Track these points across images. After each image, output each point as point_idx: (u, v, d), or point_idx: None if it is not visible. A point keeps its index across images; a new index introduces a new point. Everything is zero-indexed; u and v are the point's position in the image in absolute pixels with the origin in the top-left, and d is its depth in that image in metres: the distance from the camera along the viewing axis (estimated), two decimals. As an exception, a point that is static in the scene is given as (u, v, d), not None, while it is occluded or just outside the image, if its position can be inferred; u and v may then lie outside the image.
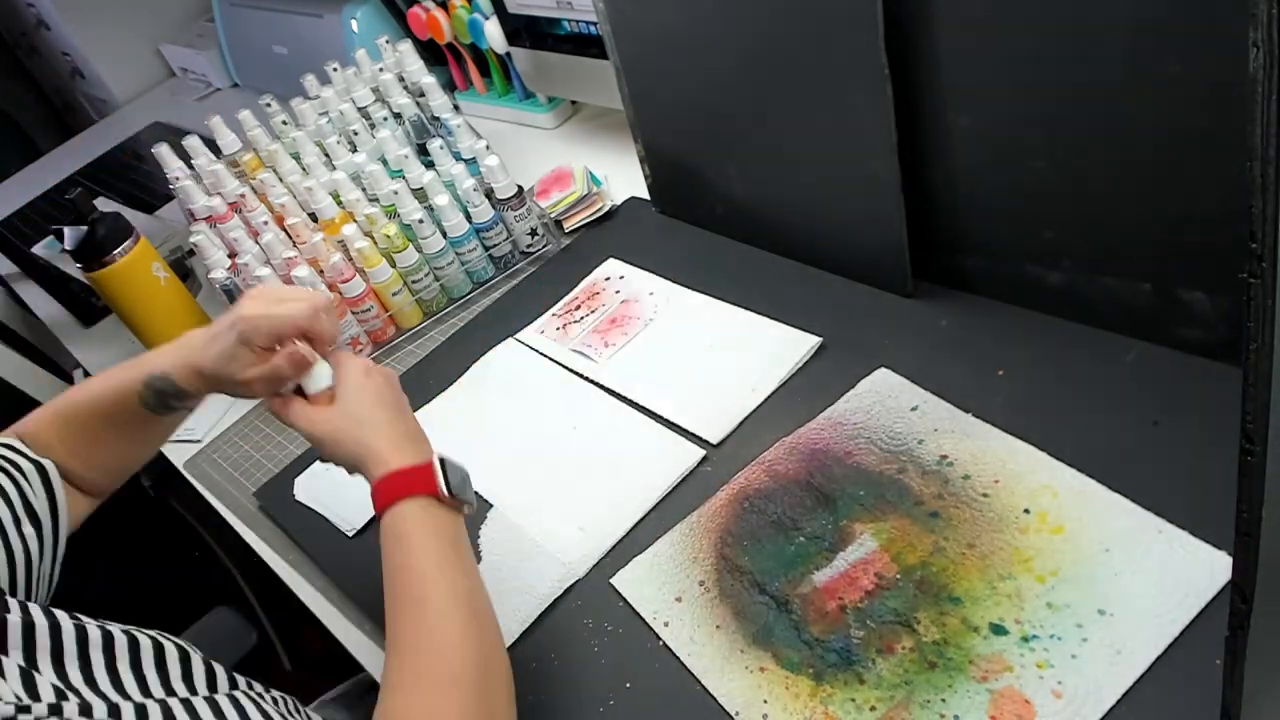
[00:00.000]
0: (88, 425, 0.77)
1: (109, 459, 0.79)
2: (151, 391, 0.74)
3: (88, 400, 0.77)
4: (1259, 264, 0.35)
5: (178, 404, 0.75)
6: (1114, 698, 0.57)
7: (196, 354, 0.73)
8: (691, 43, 0.92)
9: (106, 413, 0.76)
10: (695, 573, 0.74)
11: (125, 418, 0.76)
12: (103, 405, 0.76)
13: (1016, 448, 0.73)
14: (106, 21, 2.11)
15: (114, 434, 0.77)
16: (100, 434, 0.77)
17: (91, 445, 0.77)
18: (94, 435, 0.77)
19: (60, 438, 0.76)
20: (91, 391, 0.77)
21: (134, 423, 0.76)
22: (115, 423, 0.76)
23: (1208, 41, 0.60)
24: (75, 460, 0.77)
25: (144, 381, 0.74)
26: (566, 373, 0.97)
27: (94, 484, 0.80)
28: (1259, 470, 0.38)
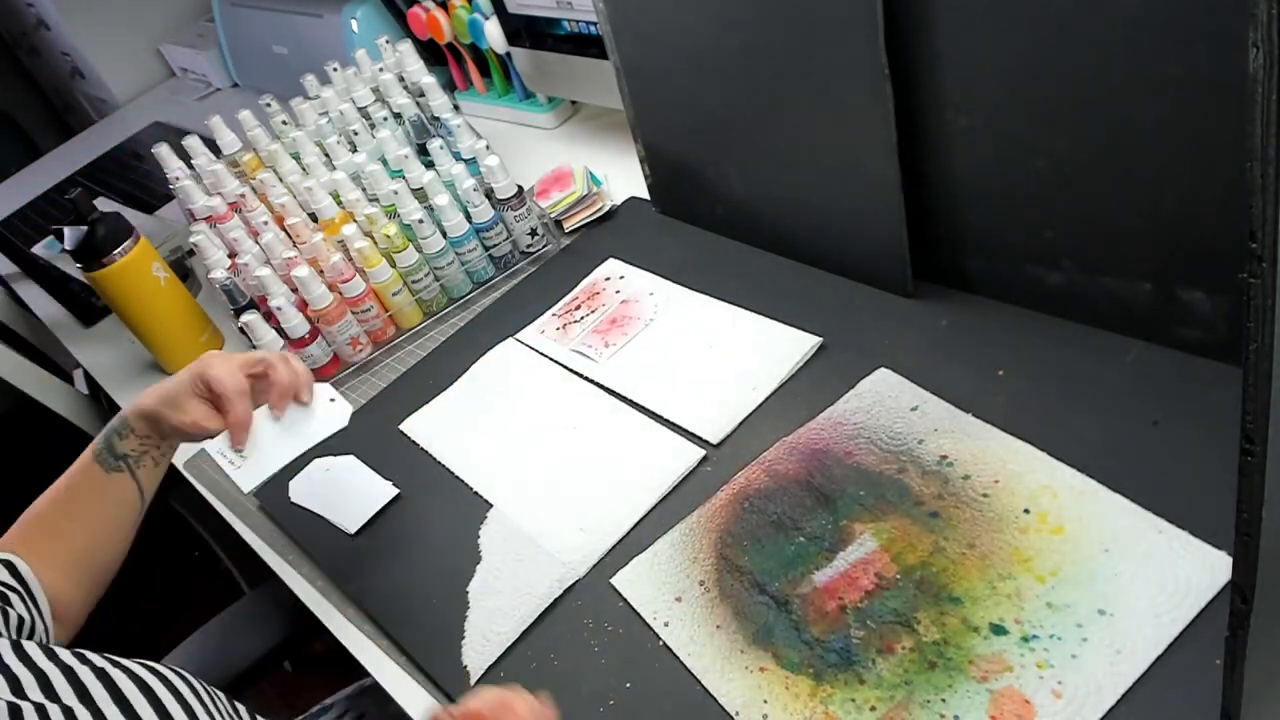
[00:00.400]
0: (45, 515, 0.76)
1: (69, 554, 0.76)
2: (104, 438, 0.77)
3: (49, 492, 0.77)
4: (1259, 264, 0.35)
5: (120, 444, 0.76)
6: (1114, 698, 0.57)
7: (148, 393, 0.77)
8: (691, 43, 0.92)
9: (63, 493, 0.76)
10: (695, 573, 0.74)
11: (79, 490, 0.76)
12: (61, 486, 0.77)
13: (1016, 448, 0.73)
14: (106, 21, 2.11)
15: (71, 519, 0.76)
16: (58, 523, 0.76)
17: (51, 541, 0.75)
18: (51, 527, 0.76)
19: (24, 544, 0.74)
20: (55, 484, 0.77)
21: (86, 494, 0.76)
22: (71, 502, 0.76)
23: (1208, 42, 0.60)
24: (42, 566, 0.74)
25: (93, 447, 0.77)
26: (566, 373, 0.97)
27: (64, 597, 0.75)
28: (1259, 470, 0.38)
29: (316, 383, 0.83)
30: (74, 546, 0.76)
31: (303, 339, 1.05)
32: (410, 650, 0.79)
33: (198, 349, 1.22)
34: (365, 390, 1.07)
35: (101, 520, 0.77)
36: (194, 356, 1.20)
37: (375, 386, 1.07)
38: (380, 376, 1.09)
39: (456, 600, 0.80)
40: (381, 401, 1.04)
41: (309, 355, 1.06)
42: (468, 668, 0.75)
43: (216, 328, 1.25)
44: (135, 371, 1.28)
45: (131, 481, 0.78)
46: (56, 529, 0.76)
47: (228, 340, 1.26)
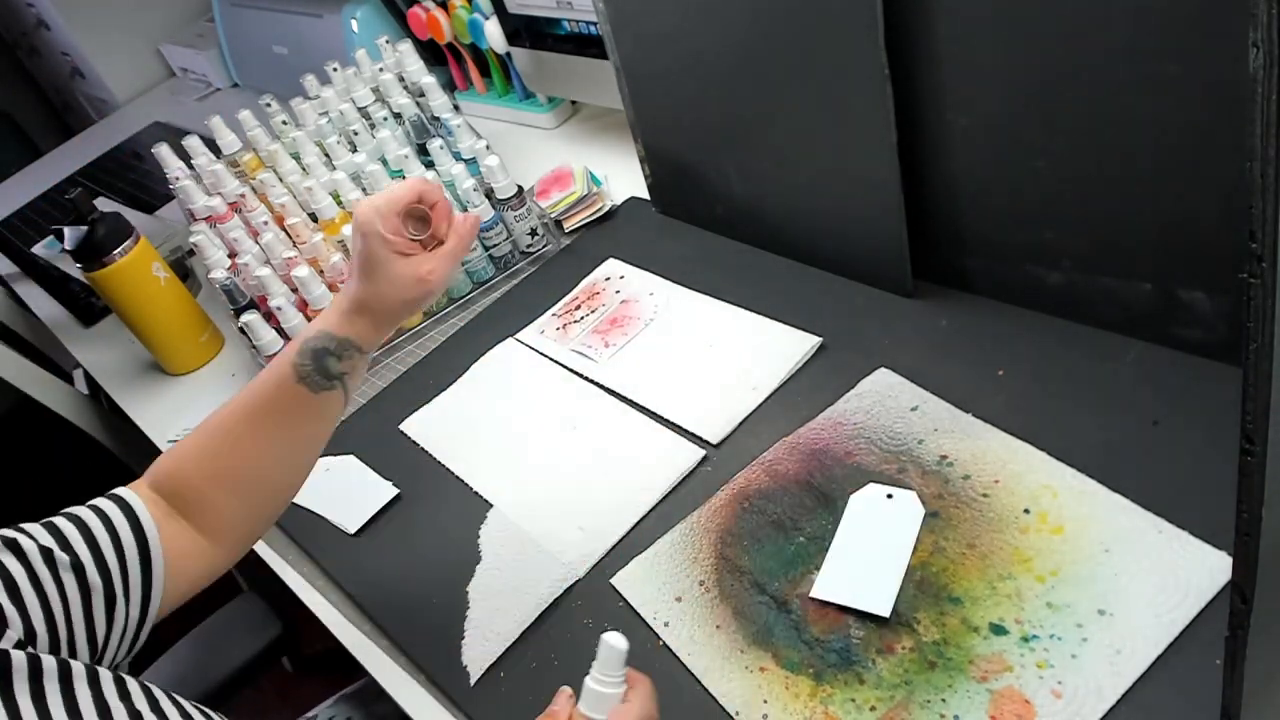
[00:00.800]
0: (230, 430, 0.68)
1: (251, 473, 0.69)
2: (308, 354, 0.67)
3: (235, 404, 0.69)
4: (1258, 264, 0.35)
5: (339, 366, 0.68)
6: (1114, 697, 0.57)
7: (343, 297, 0.68)
8: (692, 43, 0.92)
9: (255, 408, 0.68)
10: (695, 573, 0.74)
11: (276, 408, 0.68)
12: (251, 402, 0.68)
13: (1016, 448, 0.73)
14: (106, 21, 2.11)
15: (260, 435, 0.68)
16: (243, 439, 0.68)
17: (230, 455, 0.68)
18: (234, 441, 0.68)
19: (197, 457, 0.68)
20: (240, 394, 0.69)
21: (288, 414, 0.68)
22: (263, 417, 0.68)
23: (1207, 42, 0.60)
24: (212, 484, 0.67)
25: (297, 352, 0.68)
26: (566, 373, 0.97)
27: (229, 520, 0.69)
28: (1259, 470, 0.38)
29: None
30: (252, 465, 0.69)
31: (303, 339, 1.05)
32: (410, 650, 0.79)
33: (198, 349, 1.23)
34: (365, 390, 1.07)
35: (294, 438, 0.70)
36: (194, 356, 1.22)
37: (375, 386, 1.07)
38: (380, 376, 1.09)
39: (456, 600, 0.80)
40: (382, 401, 1.04)
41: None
42: (468, 667, 0.75)
43: (216, 328, 1.26)
44: (135, 371, 1.28)
45: (340, 394, 0.70)
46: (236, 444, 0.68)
47: (228, 340, 1.26)
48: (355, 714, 0.95)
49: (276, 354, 1.02)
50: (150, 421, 1.19)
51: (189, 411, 1.16)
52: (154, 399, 1.22)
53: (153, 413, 1.20)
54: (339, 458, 0.98)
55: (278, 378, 0.68)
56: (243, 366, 1.20)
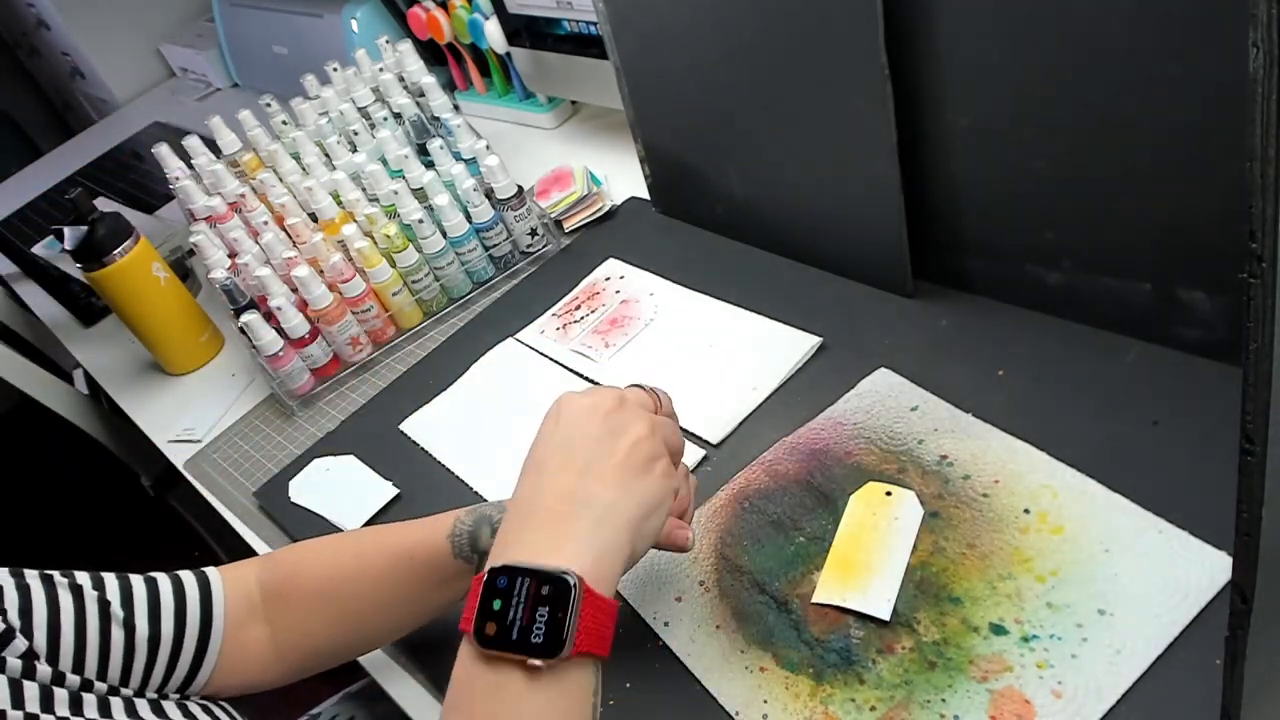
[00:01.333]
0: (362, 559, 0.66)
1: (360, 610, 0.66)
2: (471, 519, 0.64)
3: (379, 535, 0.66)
4: (1259, 264, 0.35)
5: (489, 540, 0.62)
6: (1114, 697, 0.57)
7: None
8: (691, 42, 0.92)
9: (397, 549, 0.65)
10: (695, 573, 0.74)
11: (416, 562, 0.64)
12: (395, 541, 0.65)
13: (1016, 448, 0.73)
14: (106, 21, 2.11)
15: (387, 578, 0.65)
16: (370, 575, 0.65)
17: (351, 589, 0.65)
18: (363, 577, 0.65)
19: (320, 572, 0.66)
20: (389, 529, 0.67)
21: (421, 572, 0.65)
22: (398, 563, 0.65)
23: (1207, 42, 0.60)
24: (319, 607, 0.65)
25: (467, 510, 0.65)
26: (567, 373, 0.97)
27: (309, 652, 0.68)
28: (1259, 470, 0.38)
29: None
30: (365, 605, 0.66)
31: (303, 339, 1.05)
32: (411, 650, 0.79)
33: (198, 349, 1.23)
34: (365, 390, 1.07)
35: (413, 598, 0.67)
36: (194, 356, 1.23)
37: (375, 386, 1.07)
38: (380, 376, 1.09)
39: (456, 600, 0.80)
40: (381, 401, 1.04)
41: (309, 355, 1.06)
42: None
43: (216, 328, 1.26)
44: (135, 371, 1.28)
45: (470, 570, 0.65)
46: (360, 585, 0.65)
47: (228, 340, 1.26)
48: (359, 713, 0.95)
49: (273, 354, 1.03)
50: (150, 421, 1.19)
51: (189, 411, 1.16)
52: (154, 399, 1.22)
53: (153, 413, 1.20)
54: (338, 458, 0.98)
55: (435, 527, 0.65)
56: (243, 366, 1.20)
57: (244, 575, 0.68)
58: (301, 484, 0.97)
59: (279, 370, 1.05)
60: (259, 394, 1.14)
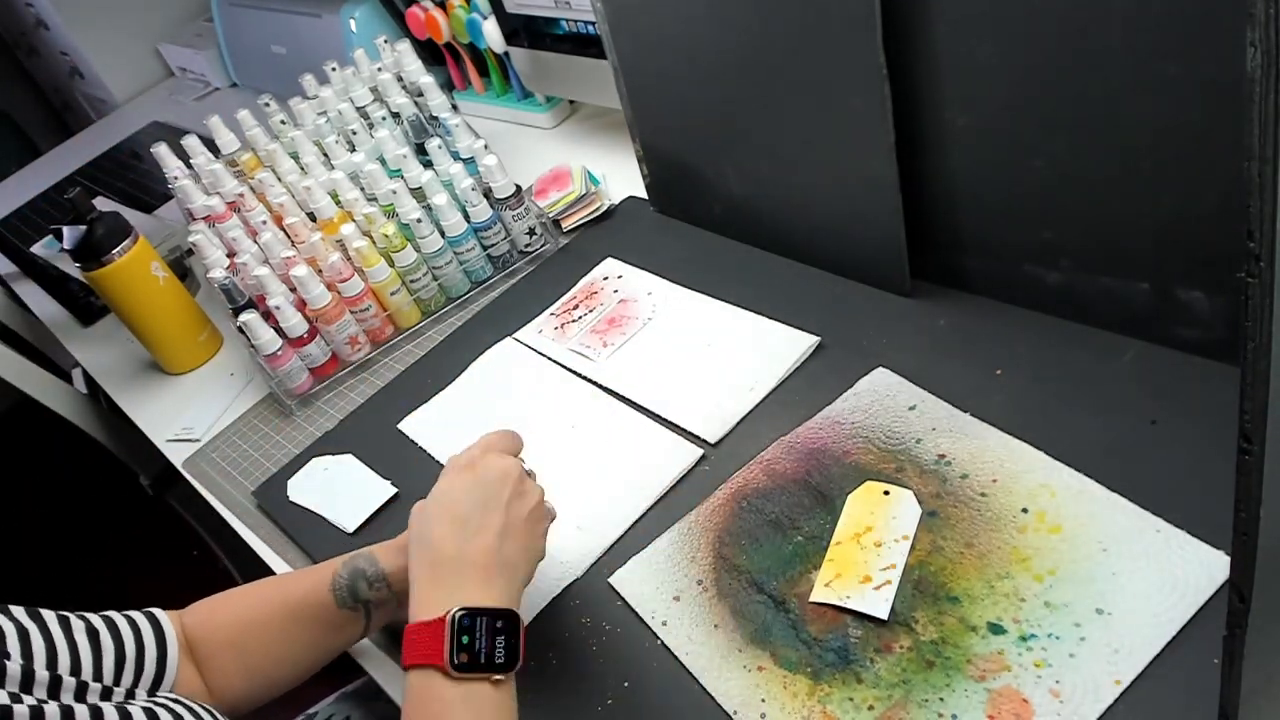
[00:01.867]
0: (261, 612, 0.72)
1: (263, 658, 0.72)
2: (346, 570, 0.71)
3: (274, 587, 0.74)
4: (1257, 263, 0.35)
5: (367, 592, 0.71)
6: (1112, 697, 0.57)
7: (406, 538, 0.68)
8: (690, 42, 0.92)
9: (288, 601, 0.72)
10: (693, 572, 0.74)
11: (306, 608, 0.71)
12: (286, 593, 0.72)
13: (1014, 447, 0.73)
14: (105, 21, 2.11)
15: (285, 628, 0.72)
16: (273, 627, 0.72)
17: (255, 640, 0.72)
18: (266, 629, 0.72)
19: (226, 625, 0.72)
20: (283, 578, 0.74)
21: (312, 616, 0.71)
22: (293, 614, 0.72)
23: (1205, 41, 0.60)
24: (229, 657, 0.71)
25: (344, 561, 0.72)
26: (564, 372, 0.97)
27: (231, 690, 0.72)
28: (1257, 469, 0.38)
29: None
30: (269, 656, 0.72)
31: (301, 338, 1.05)
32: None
33: (196, 348, 1.23)
34: (364, 389, 1.07)
35: (311, 645, 0.73)
36: (193, 356, 1.22)
37: (374, 385, 1.07)
38: (379, 376, 1.09)
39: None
40: (380, 401, 1.04)
41: (307, 354, 1.06)
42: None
43: (215, 327, 1.26)
44: (134, 371, 1.28)
45: (362, 620, 0.73)
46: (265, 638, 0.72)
47: (226, 339, 1.26)
48: (355, 712, 0.95)
49: (272, 353, 1.03)
50: (149, 420, 1.19)
51: (188, 410, 1.16)
52: (153, 398, 1.22)
53: (151, 412, 1.20)
54: (337, 457, 0.98)
55: (317, 579, 0.72)
56: (241, 366, 1.20)
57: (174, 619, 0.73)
58: (300, 483, 0.97)
59: (277, 369, 1.05)
60: (257, 393, 1.14)
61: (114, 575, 2.31)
